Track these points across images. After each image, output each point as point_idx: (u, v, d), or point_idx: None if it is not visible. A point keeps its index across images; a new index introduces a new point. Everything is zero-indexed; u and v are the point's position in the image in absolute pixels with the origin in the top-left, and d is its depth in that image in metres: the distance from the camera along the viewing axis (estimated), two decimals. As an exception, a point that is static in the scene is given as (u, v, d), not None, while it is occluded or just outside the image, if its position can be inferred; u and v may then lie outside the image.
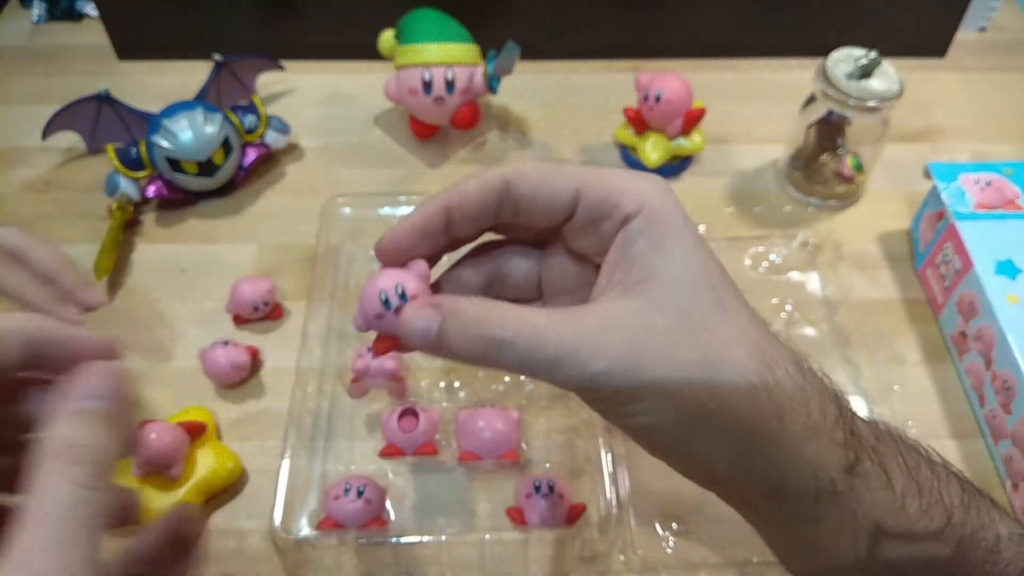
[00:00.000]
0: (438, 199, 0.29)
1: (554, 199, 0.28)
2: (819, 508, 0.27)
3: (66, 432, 0.23)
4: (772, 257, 0.61)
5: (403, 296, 0.27)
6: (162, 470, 0.47)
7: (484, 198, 0.28)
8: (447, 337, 0.26)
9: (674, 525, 0.47)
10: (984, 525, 0.28)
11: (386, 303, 0.27)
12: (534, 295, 0.32)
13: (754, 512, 0.29)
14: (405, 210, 0.62)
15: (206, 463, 0.49)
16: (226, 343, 0.53)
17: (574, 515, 0.47)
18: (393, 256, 0.29)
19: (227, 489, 0.49)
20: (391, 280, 0.27)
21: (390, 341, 0.28)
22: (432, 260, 0.30)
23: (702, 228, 0.63)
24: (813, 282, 0.60)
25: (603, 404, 0.27)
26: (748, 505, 0.29)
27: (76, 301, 0.47)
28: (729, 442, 0.26)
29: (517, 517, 0.47)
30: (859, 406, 0.52)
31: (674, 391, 0.25)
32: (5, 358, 0.25)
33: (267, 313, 0.57)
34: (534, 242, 0.32)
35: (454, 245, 0.30)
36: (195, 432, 0.49)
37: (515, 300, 0.28)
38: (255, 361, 0.54)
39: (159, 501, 0.47)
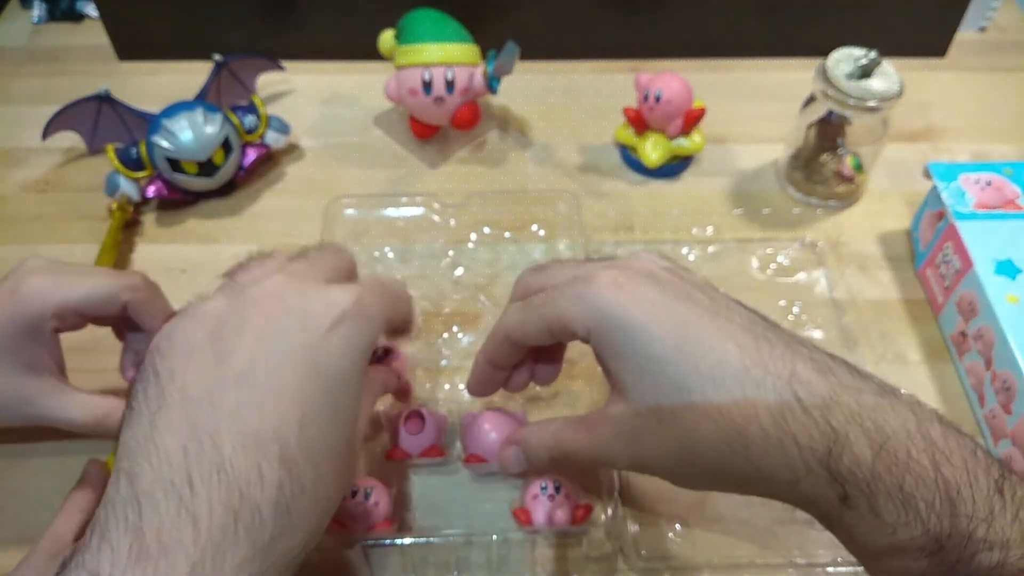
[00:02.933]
0: (477, 368, 0.41)
1: (539, 339, 0.37)
2: (825, 523, 0.32)
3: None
4: (780, 259, 0.61)
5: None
6: None
7: (503, 353, 0.40)
8: (530, 462, 0.39)
9: (678, 526, 0.47)
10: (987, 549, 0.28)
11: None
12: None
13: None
14: (407, 211, 0.62)
15: None
16: None
17: (580, 516, 0.47)
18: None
19: None
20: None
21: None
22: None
23: (709, 230, 0.63)
24: (821, 284, 0.60)
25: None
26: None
27: None
28: (728, 486, 0.33)
29: (523, 518, 0.47)
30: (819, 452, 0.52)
31: (670, 470, 0.34)
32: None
33: (267, 313, 0.57)
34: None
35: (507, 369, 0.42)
36: None
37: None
38: None
39: None
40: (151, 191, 0.62)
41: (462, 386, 0.53)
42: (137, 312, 0.44)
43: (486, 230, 0.61)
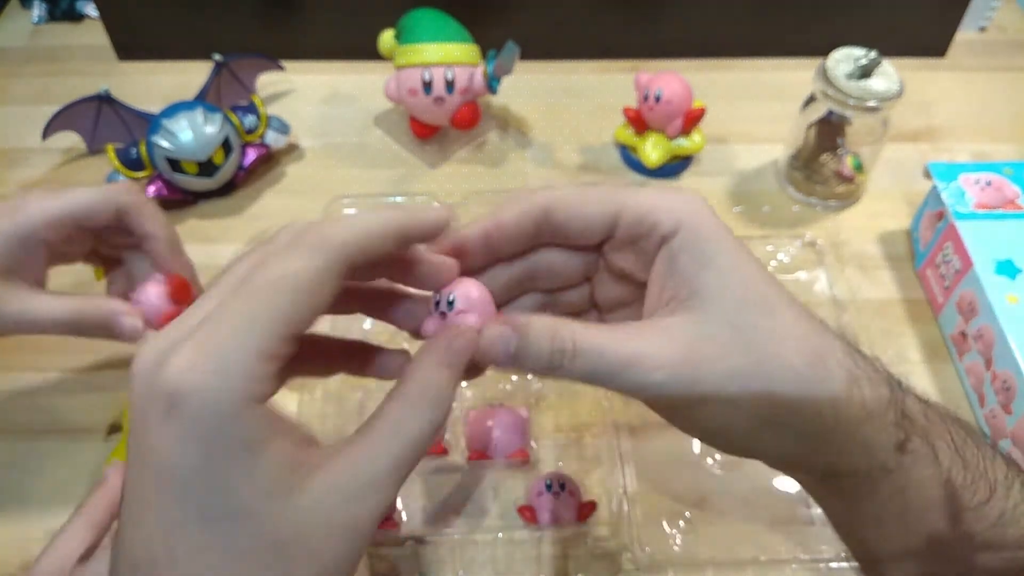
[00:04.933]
0: (478, 226, 0.30)
1: (591, 224, 0.30)
2: (872, 484, 0.29)
3: (437, 380, 0.27)
4: (780, 257, 0.61)
5: (450, 304, 0.28)
6: None
7: (522, 225, 0.30)
8: (524, 352, 0.27)
9: (681, 523, 0.47)
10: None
11: (437, 303, 0.28)
12: (586, 307, 0.34)
13: (813, 488, 0.31)
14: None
15: None
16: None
17: (585, 513, 0.47)
18: (439, 277, 0.30)
19: None
20: (452, 287, 0.29)
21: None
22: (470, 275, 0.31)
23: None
24: (821, 282, 0.60)
25: (668, 411, 0.29)
26: (809, 483, 0.31)
27: (165, 270, 0.48)
28: (787, 438, 0.28)
29: (528, 515, 0.47)
30: (889, 392, 0.52)
31: (732, 397, 0.27)
32: None
33: (267, 313, 0.57)
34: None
35: (491, 264, 0.31)
36: None
37: (566, 315, 0.30)
38: None
39: None
40: (151, 191, 0.62)
41: (465, 384, 0.53)
42: (133, 213, 0.45)
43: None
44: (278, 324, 0.24)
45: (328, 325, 0.28)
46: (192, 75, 0.69)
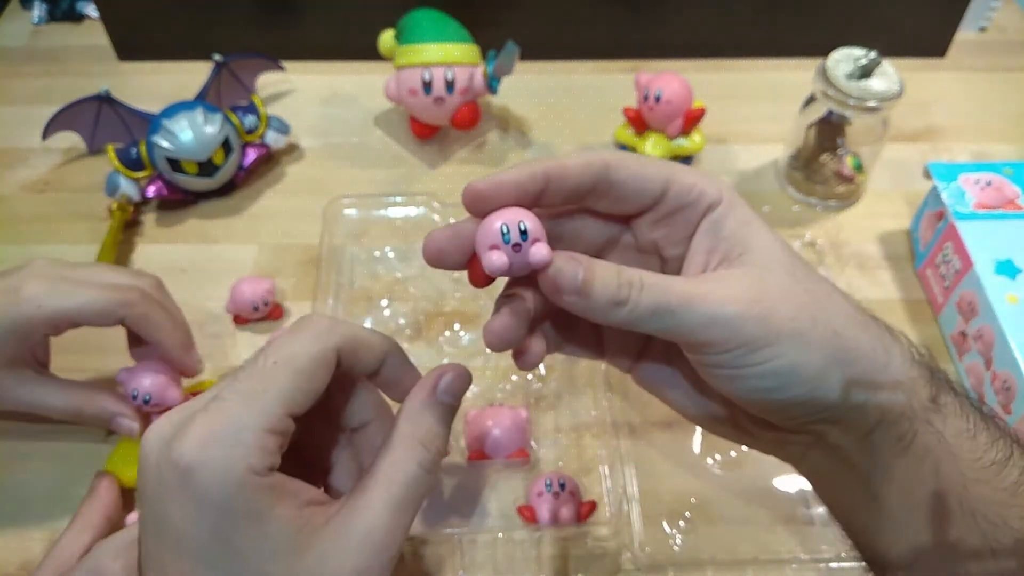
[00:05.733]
0: (540, 164, 0.30)
1: (647, 186, 0.30)
2: (910, 435, 0.29)
3: (426, 420, 0.29)
4: None
5: (524, 233, 0.27)
6: None
7: (584, 175, 0.30)
8: (592, 284, 0.27)
9: (681, 523, 0.47)
10: None
11: (506, 236, 0.27)
12: None
13: (850, 453, 0.30)
14: (407, 210, 0.62)
15: None
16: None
17: (585, 513, 0.47)
18: (483, 204, 0.29)
19: None
20: (513, 216, 0.27)
21: (485, 276, 0.29)
22: None
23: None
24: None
25: (729, 356, 0.28)
26: (846, 446, 0.30)
27: (178, 367, 0.48)
28: (849, 375, 0.28)
29: (528, 515, 0.47)
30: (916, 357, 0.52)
31: (804, 331, 0.28)
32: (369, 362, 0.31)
33: (267, 313, 0.57)
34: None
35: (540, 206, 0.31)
36: None
37: None
38: None
39: None
40: (151, 191, 0.62)
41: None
42: (135, 327, 0.45)
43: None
44: (280, 402, 0.26)
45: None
46: (192, 75, 0.69)
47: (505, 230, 0.27)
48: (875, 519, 0.31)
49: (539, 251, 0.27)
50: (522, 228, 0.27)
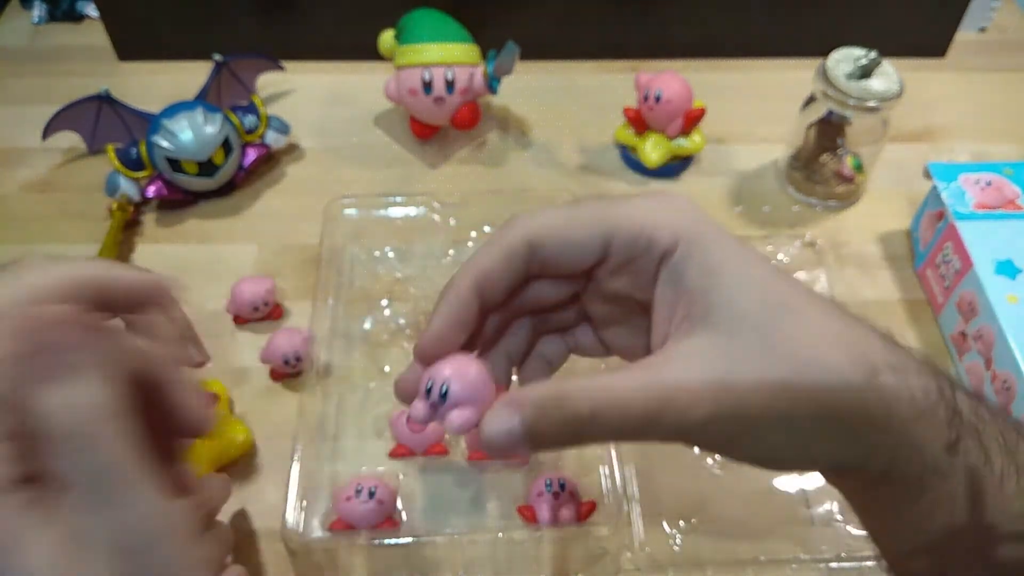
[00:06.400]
0: (464, 283, 0.27)
1: (582, 252, 0.28)
2: (922, 488, 0.26)
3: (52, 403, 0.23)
4: (780, 257, 0.61)
5: (444, 396, 0.25)
6: None
7: (511, 268, 0.28)
8: (534, 430, 0.24)
9: (681, 523, 0.47)
10: None
11: (428, 391, 0.26)
12: (578, 322, 0.32)
13: (860, 496, 0.29)
14: (407, 210, 0.62)
15: (217, 434, 0.49)
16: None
17: (585, 513, 0.47)
18: (433, 359, 0.27)
19: (237, 461, 0.50)
20: (446, 373, 0.26)
21: (406, 449, 0.28)
22: (473, 341, 0.29)
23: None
24: (821, 282, 0.60)
25: (712, 446, 0.26)
26: (855, 491, 0.29)
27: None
28: (841, 444, 0.26)
29: (528, 515, 0.47)
30: (938, 390, 0.52)
31: (783, 415, 0.25)
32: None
33: (267, 313, 0.57)
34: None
35: (485, 316, 0.29)
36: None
37: (559, 330, 0.28)
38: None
39: None
40: (151, 191, 0.62)
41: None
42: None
43: (486, 229, 0.61)
44: None
45: (328, 324, 0.28)
46: (192, 75, 0.69)
47: (429, 386, 0.26)
48: (892, 554, 0.29)
49: (453, 421, 0.25)
50: (443, 391, 0.25)
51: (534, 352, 0.33)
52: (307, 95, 0.75)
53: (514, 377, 0.32)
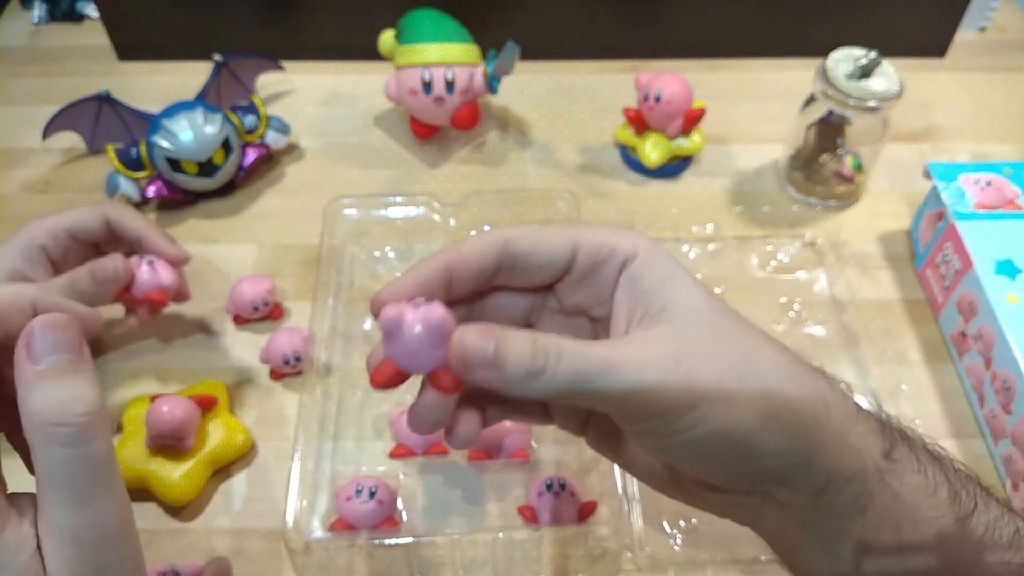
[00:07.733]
0: (439, 257, 0.29)
1: (552, 253, 0.30)
2: (865, 496, 0.28)
3: (38, 401, 0.25)
4: (780, 256, 0.61)
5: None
6: (175, 442, 0.48)
7: (484, 257, 0.30)
8: (505, 356, 0.25)
9: (681, 523, 0.47)
10: (1001, 517, 0.29)
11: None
12: None
13: (805, 513, 0.29)
14: (407, 210, 0.62)
15: (217, 435, 0.50)
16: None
17: (585, 513, 0.47)
18: None
19: (237, 461, 0.50)
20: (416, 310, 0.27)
21: (388, 375, 0.29)
22: None
23: (710, 227, 0.63)
24: (820, 282, 0.60)
25: (652, 423, 0.27)
26: (800, 508, 0.28)
27: (167, 257, 0.52)
28: (785, 436, 0.27)
29: (528, 515, 0.47)
30: (867, 406, 0.52)
31: (730, 392, 0.26)
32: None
33: (267, 313, 0.57)
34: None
35: (449, 304, 0.30)
36: (206, 406, 0.50)
37: None
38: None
39: (171, 471, 0.48)
40: (151, 191, 0.62)
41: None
42: (118, 219, 0.50)
43: (486, 229, 0.61)
44: None
45: (328, 324, 0.28)
46: (192, 75, 0.69)
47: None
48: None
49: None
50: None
51: None
52: (307, 95, 0.75)
53: None
